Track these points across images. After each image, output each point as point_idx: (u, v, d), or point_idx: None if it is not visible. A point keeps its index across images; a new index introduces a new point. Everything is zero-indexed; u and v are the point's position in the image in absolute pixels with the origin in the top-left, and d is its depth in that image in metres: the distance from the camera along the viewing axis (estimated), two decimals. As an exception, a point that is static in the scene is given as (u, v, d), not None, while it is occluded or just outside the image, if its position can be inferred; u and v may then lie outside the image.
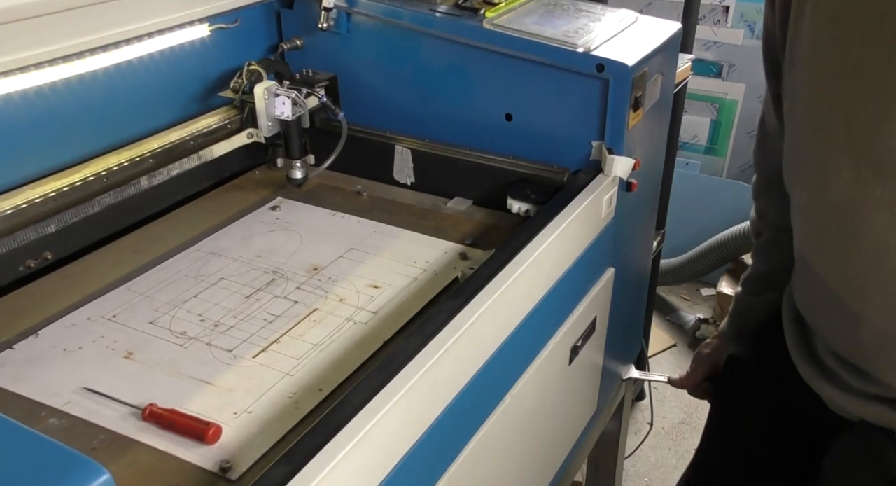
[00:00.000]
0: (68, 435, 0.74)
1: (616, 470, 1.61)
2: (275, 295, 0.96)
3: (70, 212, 0.97)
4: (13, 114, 0.92)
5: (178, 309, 0.93)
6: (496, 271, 0.85)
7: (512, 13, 1.14)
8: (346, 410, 0.65)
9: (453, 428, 0.80)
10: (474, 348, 0.81)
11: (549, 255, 0.92)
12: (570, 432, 1.20)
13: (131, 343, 0.87)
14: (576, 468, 1.29)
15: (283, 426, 0.75)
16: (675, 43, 1.22)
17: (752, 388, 1.09)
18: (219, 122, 1.15)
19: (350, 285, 0.98)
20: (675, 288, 2.84)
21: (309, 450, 0.61)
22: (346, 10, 1.18)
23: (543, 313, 0.94)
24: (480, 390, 0.83)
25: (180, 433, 0.73)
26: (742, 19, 2.67)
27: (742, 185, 2.67)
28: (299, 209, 1.17)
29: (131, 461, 0.71)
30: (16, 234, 0.91)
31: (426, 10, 1.14)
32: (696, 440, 2.21)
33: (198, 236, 1.08)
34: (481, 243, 1.07)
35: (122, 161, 1.02)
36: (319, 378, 0.82)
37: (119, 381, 0.81)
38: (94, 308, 0.93)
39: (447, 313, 0.78)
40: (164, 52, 1.08)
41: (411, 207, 1.18)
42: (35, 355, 0.85)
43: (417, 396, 0.71)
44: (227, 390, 0.80)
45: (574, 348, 1.06)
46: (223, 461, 0.70)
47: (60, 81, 0.95)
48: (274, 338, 0.88)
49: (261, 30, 1.24)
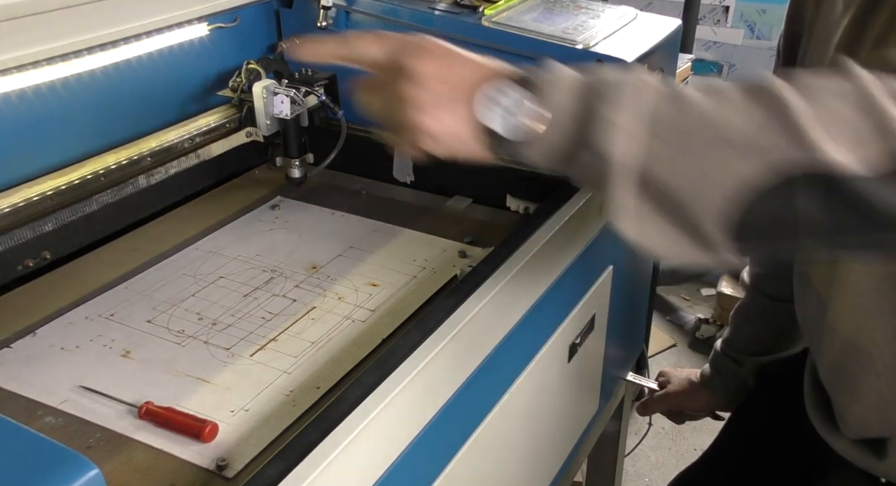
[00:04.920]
0: (65, 433, 0.74)
1: (616, 470, 1.60)
2: (273, 293, 0.96)
3: (68, 211, 0.96)
4: (11, 113, 0.92)
5: (176, 308, 0.93)
6: (494, 268, 0.84)
7: (511, 10, 1.14)
8: (341, 407, 0.65)
9: (451, 426, 0.79)
10: (472, 346, 0.81)
11: (548, 252, 0.92)
12: (571, 431, 1.19)
13: (129, 342, 0.87)
14: (576, 467, 1.29)
15: (280, 424, 0.75)
16: (675, 40, 1.21)
17: (769, 401, 1.10)
18: (217, 121, 1.15)
19: (349, 283, 0.98)
20: (675, 288, 2.84)
21: (304, 447, 0.61)
22: (345, 8, 1.18)
23: (542, 310, 0.94)
24: (478, 387, 0.83)
25: (177, 430, 0.73)
26: (742, 19, 2.66)
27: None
28: (298, 208, 1.17)
29: (127, 458, 0.71)
30: (13, 232, 0.91)
31: (425, 8, 1.14)
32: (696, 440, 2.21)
33: (196, 235, 1.08)
34: (481, 240, 1.07)
35: (121, 160, 1.02)
36: (317, 376, 0.81)
37: (116, 379, 0.81)
38: (92, 307, 0.93)
39: (444, 310, 0.78)
40: (162, 51, 1.07)
41: (410, 206, 1.18)
42: (33, 354, 0.85)
43: (414, 393, 0.71)
44: (225, 388, 0.80)
45: (573, 346, 1.06)
46: (219, 458, 0.70)
47: (58, 80, 0.95)
48: (272, 336, 0.88)
49: (260, 29, 1.23)
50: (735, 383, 1.16)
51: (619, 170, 0.54)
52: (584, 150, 0.56)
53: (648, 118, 0.54)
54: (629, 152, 0.54)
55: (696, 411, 1.25)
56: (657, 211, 0.54)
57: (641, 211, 0.54)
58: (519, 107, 0.58)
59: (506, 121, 0.58)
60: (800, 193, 0.51)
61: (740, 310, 1.15)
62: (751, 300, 1.13)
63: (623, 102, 0.55)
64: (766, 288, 1.10)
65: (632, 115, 0.54)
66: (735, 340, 1.15)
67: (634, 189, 0.54)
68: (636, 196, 0.54)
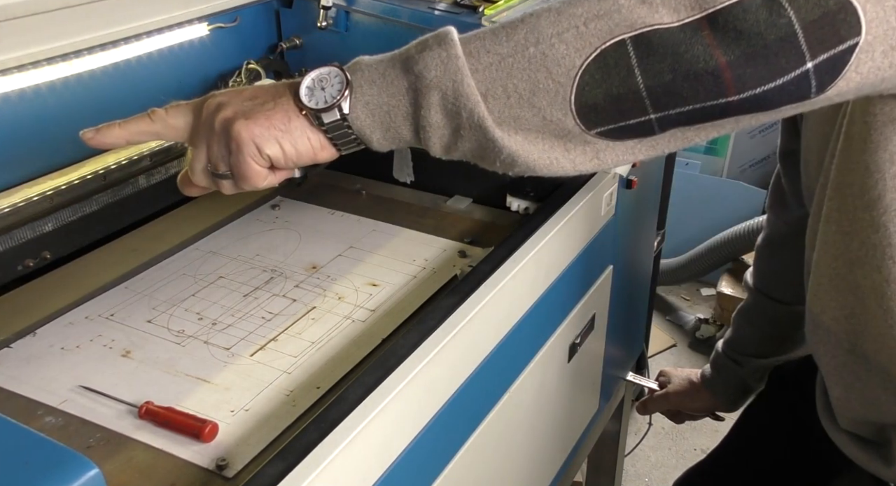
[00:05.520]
0: (65, 433, 0.74)
1: (616, 470, 1.61)
2: (273, 293, 0.96)
3: (68, 211, 0.96)
4: (11, 113, 0.92)
5: (176, 308, 0.93)
6: (494, 268, 0.84)
7: (511, 10, 1.14)
8: (341, 407, 0.65)
9: (451, 425, 0.79)
10: (472, 345, 0.81)
11: (548, 252, 0.92)
12: (571, 431, 1.19)
13: (129, 342, 0.87)
14: (576, 467, 1.29)
15: (280, 424, 0.75)
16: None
17: (781, 403, 1.10)
18: (217, 120, 1.15)
19: (349, 283, 0.98)
20: (675, 288, 2.84)
21: (304, 447, 0.61)
22: (345, 8, 1.18)
23: (542, 310, 0.94)
24: (478, 387, 0.83)
25: (177, 430, 0.73)
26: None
27: (742, 185, 2.67)
28: (298, 208, 1.17)
29: (127, 458, 0.71)
30: (13, 232, 0.91)
31: (425, 7, 1.14)
32: (696, 440, 2.22)
33: (196, 235, 1.08)
34: (481, 240, 1.07)
35: (121, 160, 1.02)
36: (317, 376, 0.81)
37: (116, 379, 0.81)
38: (92, 307, 0.93)
39: (444, 309, 0.78)
40: (162, 50, 1.08)
41: (410, 206, 1.18)
42: (33, 354, 0.85)
43: (414, 393, 0.71)
44: (225, 388, 0.80)
45: (573, 345, 1.06)
46: (219, 458, 0.70)
47: (58, 80, 0.95)
48: (272, 336, 0.88)
49: (260, 29, 1.24)
50: (735, 384, 1.16)
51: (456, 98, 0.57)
52: (409, 94, 0.58)
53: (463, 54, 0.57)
54: (446, 77, 0.57)
55: (696, 411, 1.25)
56: (512, 125, 0.57)
57: (497, 132, 0.57)
58: (334, 79, 0.60)
59: (327, 95, 0.59)
60: (614, 62, 0.54)
61: (742, 311, 1.15)
62: (753, 302, 1.13)
63: (431, 48, 0.57)
64: (769, 290, 1.10)
65: (445, 53, 0.57)
66: (736, 341, 1.15)
67: (482, 111, 0.56)
68: (482, 119, 0.57)
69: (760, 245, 1.12)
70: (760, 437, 1.12)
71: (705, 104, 0.54)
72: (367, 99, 0.59)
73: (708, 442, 2.17)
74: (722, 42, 0.52)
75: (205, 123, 0.63)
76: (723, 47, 0.52)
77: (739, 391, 1.17)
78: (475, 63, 0.56)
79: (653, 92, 0.54)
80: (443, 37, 0.57)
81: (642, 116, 0.55)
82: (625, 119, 0.56)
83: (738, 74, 0.52)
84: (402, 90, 0.58)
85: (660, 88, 0.54)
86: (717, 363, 1.18)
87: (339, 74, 0.60)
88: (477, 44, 0.57)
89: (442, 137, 0.59)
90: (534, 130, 0.57)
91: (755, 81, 0.52)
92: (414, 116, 0.59)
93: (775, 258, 1.09)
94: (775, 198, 1.07)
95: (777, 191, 1.06)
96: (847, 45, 0.52)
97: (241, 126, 0.60)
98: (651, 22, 0.53)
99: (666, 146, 0.58)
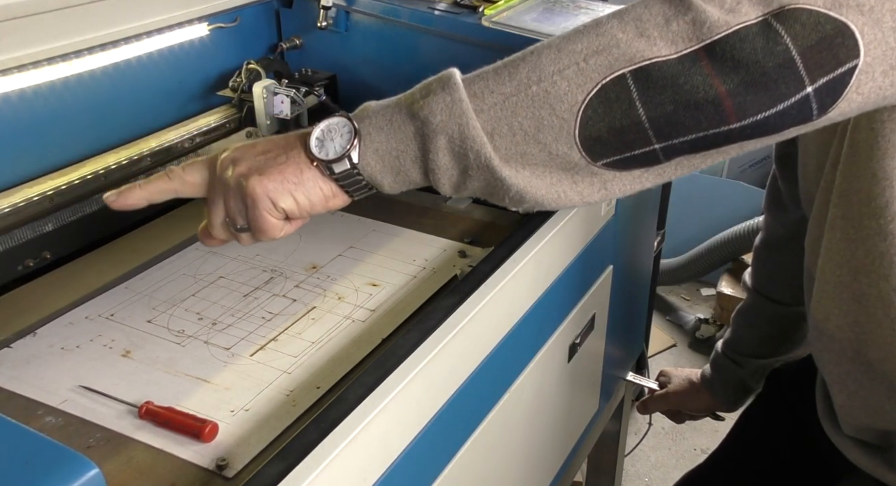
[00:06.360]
0: (64, 433, 0.74)
1: (616, 470, 1.61)
2: (273, 293, 0.96)
3: (68, 211, 0.97)
4: (11, 113, 0.92)
5: (176, 308, 0.93)
6: (494, 268, 0.85)
7: (511, 11, 1.14)
8: (341, 407, 0.65)
9: (451, 425, 0.80)
10: (472, 345, 0.81)
11: (547, 252, 0.92)
12: (571, 431, 1.19)
13: (129, 342, 0.87)
14: (576, 467, 1.29)
15: (280, 424, 0.75)
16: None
17: (781, 405, 1.10)
18: (217, 121, 1.15)
19: (349, 283, 0.98)
20: (675, 288, 2.84)
21: (304, 447, 0.61)
22: (345, 8, 1.18)
23: (542, 309, 0.94)
24: (478, 387, 0.83)
25: (177, 430, 0.73)
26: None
27: (742, 185, 2.67)
28: (298, 208, 1.16)
29: (127, 458, 0.71)
30: (13, 232, 0.91)
31: (425, 8, 1.14)
32: (696, 440, 2.21)
33: (196, 235, 1.08)
34: (481, 240, 1.07)
35: (121, 160, 1.02)
36: (317, 376, 0.81)
37: (116, 379, 0.81)
38: (93, 307, 0.93)
39: (444, 309, 0.78)
40: (162, 51, 1.08)
41: (410, 206, 1.18)
42: (33, 354, 0.85)
43: (414, 393, 0.71)
44: (225, 388, 0.80)
45: (573, 345, 1.06)
46: (219, 458, 0.70)
47: (58, 80, 0.95)
48: (272, 336, 0.88)
49: (260, 29, 1.24)
50: (735, 384, 1.16)
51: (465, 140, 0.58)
52: (416, 139, 0.60)
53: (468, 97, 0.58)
54: (453, 121, 0.58)
55: (696, 411, 1.25)
56: (519, 161, 0.58)
57: (505, 170, 0.58)
58: (343, 129, 0.62)
59: (337, 145, 0.61)
60: (616, 96, 0.55)
61: (741, 312, 1.15)
62: (752, 303, 1.13)
63: (436, 93, 0.59)
64: (767, 291, 1.11)
65: (449, 97, 0.59)
66: (736, 341, 1.15)
67: (487, 152, 0.58)
68: (489, 159, 0.58)
69: (758, 247, 1.12)
70: (760, 439, 1.12)
71: (708, 132, 0.55)
72: (375, 146, 0.61)
73: (708, 442, 2.17)
74: (721, 71, 0.52)
75: (220, 180, 0.64)
76: (722, 76, 0.53)
77: (739, 392, 1.17)
78: (480, 104, 0.58)
79: (655, 123, 0.55)
80: (446, 80, 0.59)
81: (647, 147, 0.56)
82: (630, 150, 0.57)
83: (739, 102, 0.53)
84: (409, 135, 0.60)
85: (662, 118, 0.54)
86: (716, 364, 1.18)
87: (347, 124, 0.61)
88: (481, 84, 0.58)
89: (451, 178, 0.61)
90: (541, 164, 0.58)
91: (756, 107, 0.53)
92: (423, 160, 0.60)
93: (773, 260, 1.09)
94: (772, 200, 1.07)
95: (773, 193, 1.06)
96: (846, 68, 0.52)
97: (255, 182, 0.61)
98: (650, 55, 0.54)
99: (673, 173, 0.59)
